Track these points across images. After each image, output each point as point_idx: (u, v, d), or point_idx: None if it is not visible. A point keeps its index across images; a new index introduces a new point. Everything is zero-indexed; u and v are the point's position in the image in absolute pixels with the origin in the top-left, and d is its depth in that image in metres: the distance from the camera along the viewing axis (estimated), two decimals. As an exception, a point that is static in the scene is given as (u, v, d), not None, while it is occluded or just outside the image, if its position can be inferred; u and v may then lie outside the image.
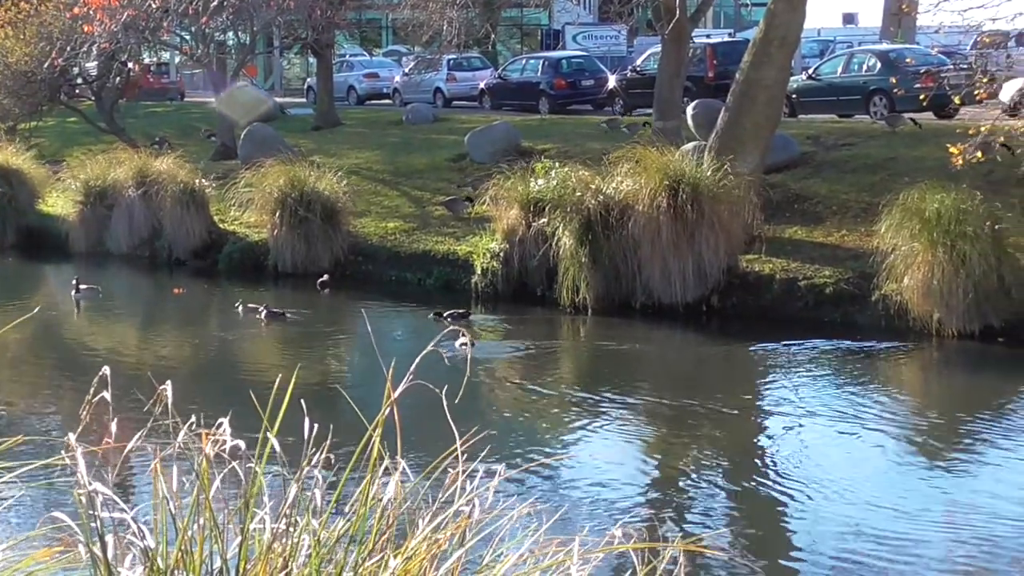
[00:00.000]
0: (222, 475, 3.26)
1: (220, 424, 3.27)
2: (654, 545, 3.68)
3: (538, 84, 40.29)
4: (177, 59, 55.10)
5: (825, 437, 13.02)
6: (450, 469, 3.61)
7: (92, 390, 3.71)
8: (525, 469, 11.16)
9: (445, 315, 18.81)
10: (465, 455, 3.68)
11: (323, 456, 3.30)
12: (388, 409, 3.15)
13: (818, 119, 30.37)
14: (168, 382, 3.47)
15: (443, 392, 4.10)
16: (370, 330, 15.84)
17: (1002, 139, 17.62)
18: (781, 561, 9.75)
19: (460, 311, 19.05)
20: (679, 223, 18.73)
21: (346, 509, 3.33)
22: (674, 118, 25.71)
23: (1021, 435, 12.96)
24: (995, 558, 9.59)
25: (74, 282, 22.23)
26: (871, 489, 11.22)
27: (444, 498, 3.49)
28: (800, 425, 13.68)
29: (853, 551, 9.71)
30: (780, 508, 11.16)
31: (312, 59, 45.67)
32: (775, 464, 12.45)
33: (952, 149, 16.88)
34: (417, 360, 3.65)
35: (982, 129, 16.89)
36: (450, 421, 3.68)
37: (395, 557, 3.07)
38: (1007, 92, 24.08)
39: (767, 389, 15.80)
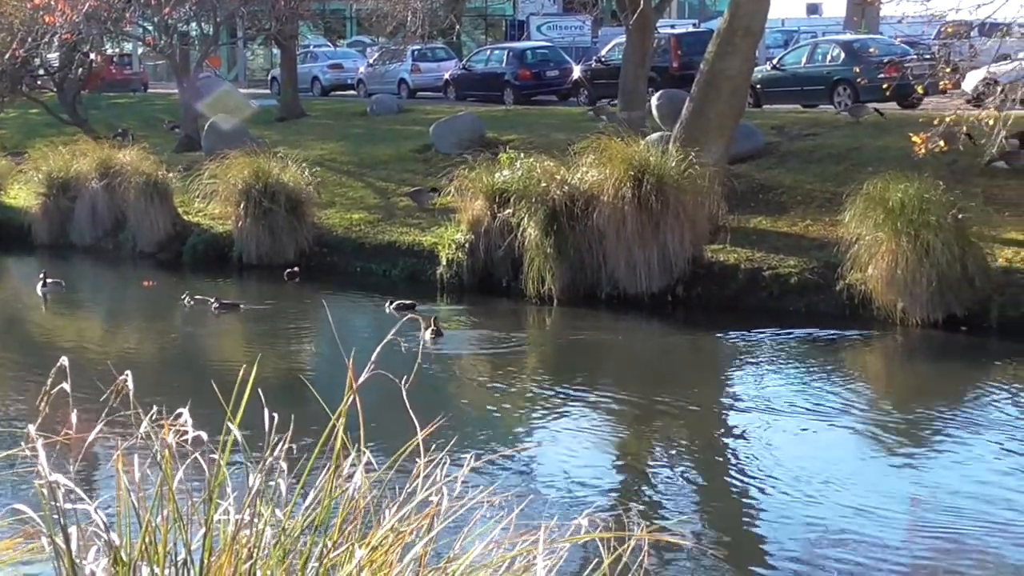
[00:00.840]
0: (185, 465, 3.24)
1: (180, 414, 3.24)
2: (620, 534, 3.68)
3: (503, 75, 40.25)
4: (140, 50, 54.78)
5: (789, 426, 13.05)
6: (417, 459, 3.59)
7: (50, 381, 3.68)
8: (490, 460, 11.14)
9: (392, 306, 18.90)
10: (433, 446, 3.67)
11: (286, 446, 3.27)
12: (351, 399, 3.13)
13: (782, 109, 30.44)
14: (128, 372, 3.43)
15: (406, 383, 4.08)
16: (332, 321, 15.78)
17: (965, 129, 17.69)
18: (745, 550, 9.77)
19: (407, 302, 19.07)
20: (644, 213, 18.74)
21: (311, 499, 3.32)
22: (639, 108, 25.75)
23: (982, 423, 13.02)
24: (956, 545, 9.63)
25: (41, 276, 22.07)
26: (834, 478, 11.25)
27: (410, 488, 3.48)
28: (764, 414, 13.71)
29: (816, 541, 9.74)
30: (744, 497, 11.19)
31: (276, 50, 45.44)
32: (740, 453, 12.50)
33: (915, 139, 16.94)
34: (378, 349, 3.62)
35: (946, 119, 16.94)
36: (410, 412, 3.66)
37: (361, 547, 3.05)
38: (970, 82, 24.19)
39: (732, 378, 15.85)
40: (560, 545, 3.40)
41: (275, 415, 3.21)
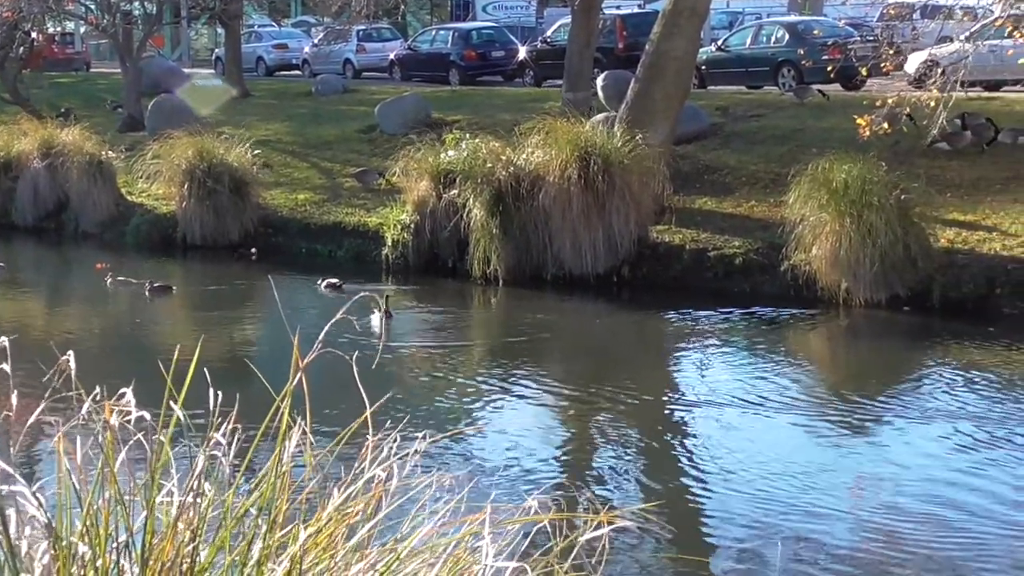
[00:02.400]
0: (128, 447, 3.20)
1: (123, 394, 3.21)
2: (572, 516, 3.68)
3: (448, 55, 40.16)
4: (82, 29, 54.22)
5: (735, 406, 13.11)
6: (364, 439, 3.57)
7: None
8: (436, 441, 11.13)
9: (322, 284, 19.11)
10: (379, 427, 3.65)
11: (230, 426, 3.25)
12: (298, 378, 3.11)
13: (727, 90, 30.60)
14: (70, 352, 3.39)
15: (352, 362, 4.06)
16: (279, 302, 15.70)
17: (908, 110, 17.81)
18: (691, 529, 9.81)
19: (335, 281, 19.25)
20: (590, 194, 18.75)
21: (256, 480, 3.29)
22: (584, 89, 25.76)
23: (925, 402, 13.14)
24: (899, 524, 9.72)
25: None
26: (780, 456, 11.33)
27: (357, 468, 3.46)
28: (709, 394, 13.78)
29: (761, 520, 9.78)
30: (691, 477, 11.24)
31: (220, 30, 45.18)
32: (686, 433, 12.56)
33: (859, 120, 17.04)
34: (326, 328, 3.60)
35: (888, 101, 17.06)
36: (360, 388, 3.64)
37: (305, 528, 3.03)
38: (912, 64, 24.39)
39: (678, 358, 15.91)
40: (509, 526, 3.39)
41: (219, 393, 3.18)
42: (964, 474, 10.68)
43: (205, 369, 3.41)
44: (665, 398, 14.03)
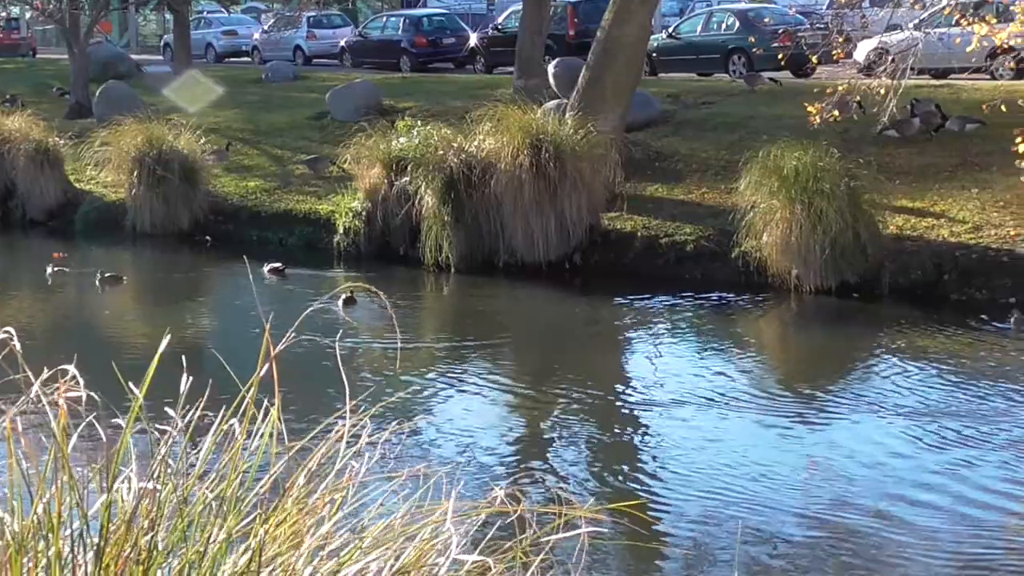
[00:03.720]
0: (79, 430, 3.16)
1: (71, 376, 3.16)
2: (545, 510, 3.67)
3: (399, 42, 40.08)
4: (28, 14, 53.70)
5: (686, 393, 13.16)
6: (336, 422, 3.54)
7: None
8: (392, 431, 11.11)
9: (267, 269, 19.21)
10: (334, 416, 3.62)
11: (195, 414, 3.22)
12: (263, 368, 3.09)
13: (678, 78, 30.67)
14: (10, 329, 3.34)
15: (336, 350, 4.03)
16: (253, 286, 15.63)
17: (857, 98, 17.91)
18: (642, 517, 9.82)
19: (277, 266, 19.38)
20: (541, 181, 18.75)
21: (218, 470, 3.26)
22: (536, 76, 25.74)
23: (874, 388, 13.23)
24: (849, 510, 9.78)
25: None
26: (732, 442, 11.40)
27: (318, 459, 3.43)
28: (662, 381, 13.83)
29: (714, 507, 9.83)
30: (644, 464, 11.29)
31: (169, 15, 44.83)
32: (638, 420, 12.59)
33: (809, 108, 17.11)
34: (301, 318, 3.58)
35: (839, 88, 17.14)
36: (343, 376, 3.63)
37: (268, 519, 3.00)
38: (862, 52, 24.55)
39: (630, 345, 15.94)
40: (470, 518, 3.38)
41: (191, 377, 3.15)
42: (913, 463, 10.76)
43: (164, 357, 3.38)
44: (617, 386, 14.06)
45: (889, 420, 11.87)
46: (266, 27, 47.18)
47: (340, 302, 16.14)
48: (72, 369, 3.16)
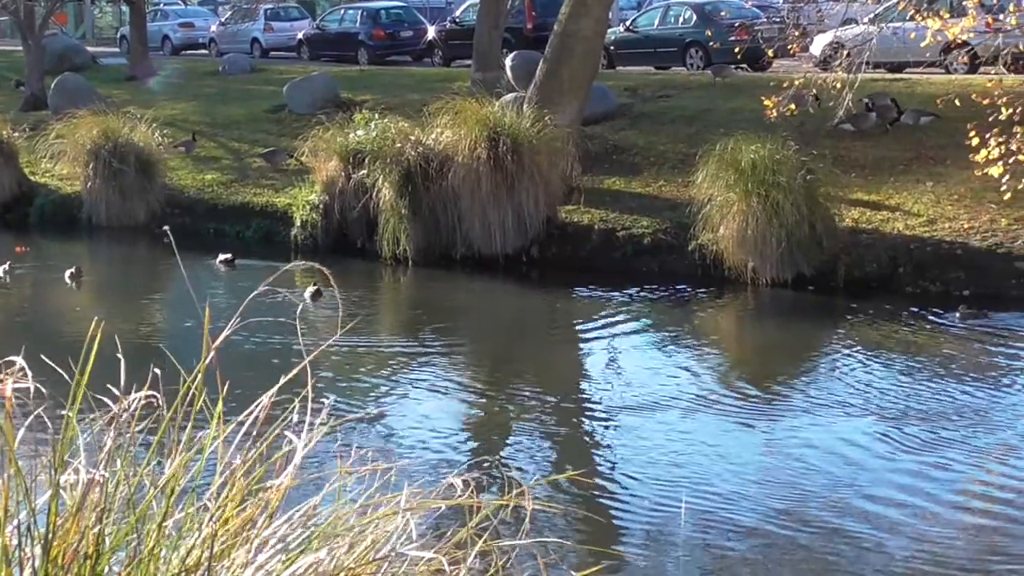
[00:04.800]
0: (28, 422, 3.15)
1: (19, 367, 3.14)
2: (503, 501, 3.67)
3: (357, 35, 39.99)
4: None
5: (644, 385, 13.20)
6: (273, 419, 3.54)
7: None
8: (347, 421, 11.10)
9: (219, 260, 19.55)
10: (290, 407, 3.61)
11: (141, 401, 3.20)
12: (209, 358, 3.07)
13: (636, 71, 30.72)
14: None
15: (300, 336, 4.01)
16: (187, 279, 15.54)
17: (814, 92, 17.99)
18: (600, 508, 9.86)
19: (227, 257, 19.76)
20: (499, 174, 18.75)
21: (168, 460, 3.25)
22: (493, 70, 25.75)
23: (829, 379, 13.30)
24: (805, 500, 9.84)
25: None
26: (689, 434, 11.44)
27: (267, 450, 3.42)
28: (617, 373, 13.88)
29: (671, 497, 9.85)
30: (602, 456, 11.33)
31: (125, 7, 44.53)
32: (594, 412, 12.61)
33: (766, 101, 17.17)
34: (243, 305, 3.56)
35: (795, 82, 17.21)
36: (302, 349, 3.62)
37: (215, 511, 3.00)
38: (818, 45, 24.64)
39: (586, 338, 15.96)
40: (426, 507, 3.38)
41: (158, 372, 3.13)
42: (866, 453, 10.81)
43: (117, 351, 3.36)
44: (573, 378, 14.10)
45: (843, 412, 11.93)
46: (223, 20, 46.95)
47: (308, 294, 16.21)
48: (20, 361, 3.14)
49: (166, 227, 17.55)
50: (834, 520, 9.39)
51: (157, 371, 3.13)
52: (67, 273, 19.00)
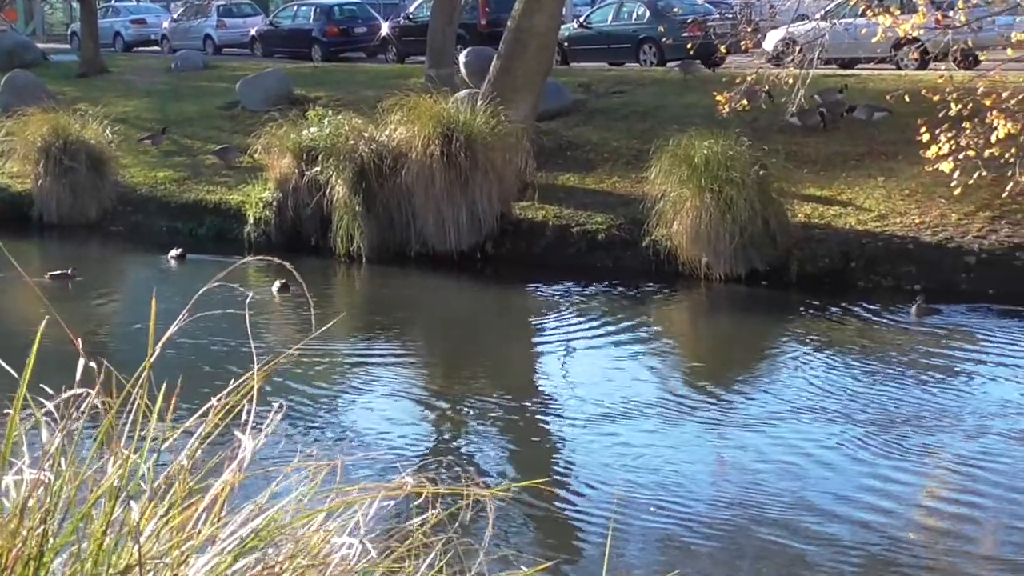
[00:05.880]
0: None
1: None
2: (453, 491, 3.65)
3: (310, 31, 39.82)
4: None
5: (598, 383, 13.21)
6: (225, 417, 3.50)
7: None
8: (301, 419, 11.09)
9: (170, 255, 19.81)
10: (241, 406, 3.58)
11: (89, 403, 3.17)
12: (153, 354, 3.04)
13: (590, 67, 30.73)
14: None
15: (248, 328, 3.98)
16: (139, 276, 15.46)
17: (766, 88, 18.07)
18: (556, 504, 9.87)
19: (178, 251, 19.92)
20: (452, 171, 18.74)
21: (114, 460, 3.21)
22: (447, 66, 25.72)
23: (782, 374, 13.37)
24: (759, 496, 9.88)
25: None
26: (644, 432, 11.45)
27: (217, 447, 3.40)
28: (571, 369, 13.90)
29: (627, 493, 9.86)
30: (556, 451, 11.34)
31: (76, 3, 44.18)
32: (551, 411, 12.60)
33: (719, 97, 17.23)
34: (190, 304, 3.53)
35: (748, 78, 17.27)
36: (255, 359, 3.59)
37: (164, 508, 2.97)
38: (770, 41, 24.75)
39: (540, 334, 15.97)
40: (379, 503, 3.36)
41: (94, 364, 3.09)
42: (824, 451, 10.83)
43: (65, 349, 3.33)
44: (527, 374, 14.12)
45: (796, 409, 11.97)
46: (175, 16, 46.69)
47: (275, 289, 16.26)
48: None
49: (117, 227, 17.38)
50: (791, 517, 9.42)
51: (110, 369, 3.10)
52: (46, 277, 18.73)
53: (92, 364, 2.97)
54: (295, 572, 2.73)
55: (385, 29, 38.25)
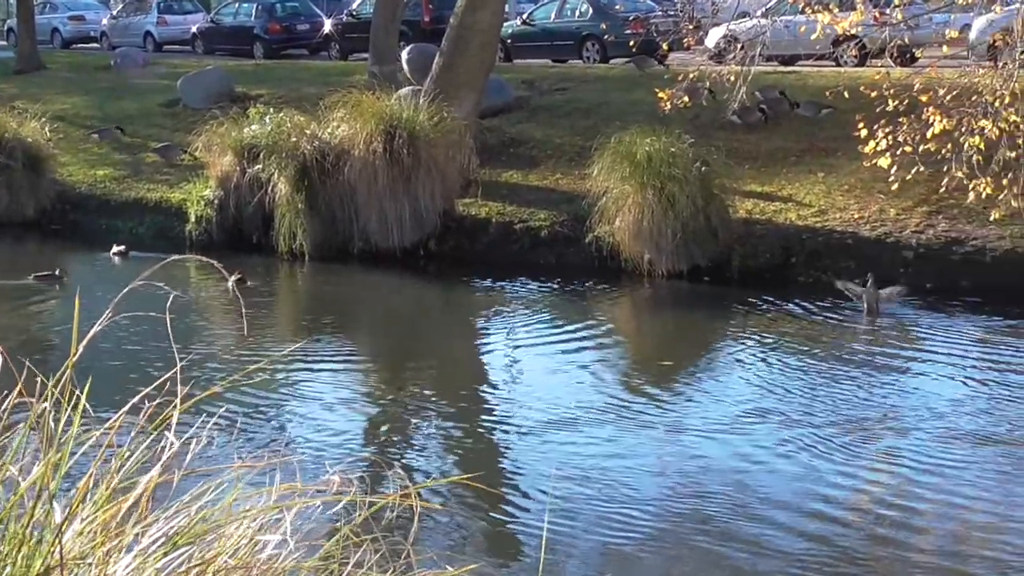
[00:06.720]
0: None
1: None
2: (393, 498, 3.65)
3: (252, 28, 39.64)
4: None
5: (540, 382, 13.22)
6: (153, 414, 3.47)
7: None
8: (238, 418, 11.01)
9: (113, 252, 19.76)
10: (175, 402, 3.55)
11: (11, 401, 3.14)
12: (76, 353, 3.01)
13: (533, 64, 30.76)
14: None
15: (168, 326, 3.95)
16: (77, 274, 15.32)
17: (708, 85, 18.12)
18: (498, 504, 9.84)
19: (121, 248, 19.87)
20: (395, 168, 18.69)
21: (41, 460, 3.18)
22: (390, 63, 25.66)
23: (724, 373, 13.42)
24: (702, 487, 9.91)
25: None
26: (587, 425, 11.44)
27: (147, 444, 3.37)
28: (518, 365, 13.90)
29: (569, 490, 9.85)
30: (495, 452, 11.33)
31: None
32: (492, 408, 12.60)
33: (661, 94, 17.26)
34: (116, 299, 3.50)
35: (690, 75, 17.31)
36: (176, 357, 3.56)
37: (89, 508, 2.95)
38: (712, 38, 24.81)
39: (484, 332, 15.98)
40: (308, 504, 3.34)
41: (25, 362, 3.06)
42: (764, 451, 10.83)
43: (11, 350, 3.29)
44: (469, 372, 14.10)
45: (738, 409, 11.95)
46: (115, 12, 46.33)
47: (231, 283, 16.20)
48: None
49: (54, 226, 17.24)
50: (730, 518, 9.39)
51: (32, 369, 3.06)
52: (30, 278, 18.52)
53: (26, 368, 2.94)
54: (222, 571, 2.72)
55: (328, 26, 38.10)
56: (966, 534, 9.04)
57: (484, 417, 12.29)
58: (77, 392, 2.93)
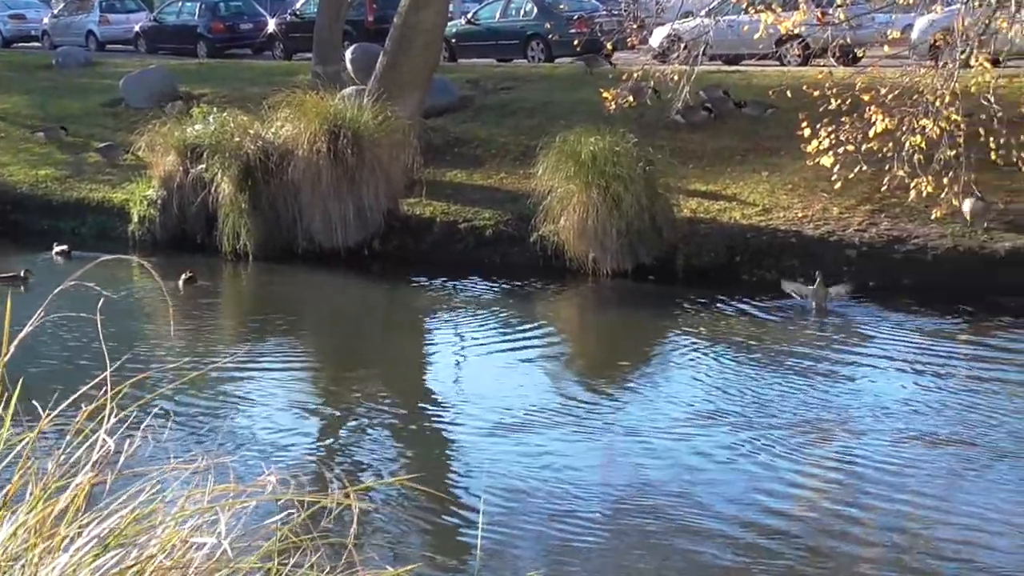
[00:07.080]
0: None
1: None
2: (318, 498, 3.62)
3: (196, 27, 39.37)
4: None
5: (488, 375, 13.23)
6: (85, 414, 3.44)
7: None
8: (179, 417, 10.95)
9: (55, 252, 19.65)
10: (114, 403, 3.52)
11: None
12: (8, 352, 2.98)
13: (478, 63, 30.74)
14: None
15: (99, 326, 3.91)
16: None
17: (652, 84, 18.17)
18: (439, 504, 9.81)
19: (64, 248, 19.64)
20: (339, 168, 18.64)
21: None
22: (334, 62, 25.57)
23: (670, 373, 13.46)
24: (647, 486, 9.92)
25: None
26: (534, 423, 11.43)
27: (78, 447, 3.33)
28: (462, 365, 13.88)
29: (516, 488, 9.84)
30: (446, 447, 11.31)
31: (-48, -2, 43.35)
32: (436, 408, 12.58)
33: (605, 94, 17.28)
34: (49, 299, 3.46)
35: (634, 74, 17.34)
36: (107, 357, 3.52)
37: (21, 509, 2.91)
38: (656, 38, 24.89)
39: (429, 331, 15.95)
40: (243, 504, 3.31)
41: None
42: (708, 449, 10.85)
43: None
44: (412, 372, 14.07)
45: (684, 409, 11.97)
46: (56, 11, 45.90)
47: (181, 282, 16.13)
48: None
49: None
50: (676, 517, 9.38)
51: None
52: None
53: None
54: (158, 571, 2.69)
55: (271, 25, 37.94)
56: (914, 530, 9.09)
57: (428, 417, 12.27)
58: (7, 392, 2.90)
